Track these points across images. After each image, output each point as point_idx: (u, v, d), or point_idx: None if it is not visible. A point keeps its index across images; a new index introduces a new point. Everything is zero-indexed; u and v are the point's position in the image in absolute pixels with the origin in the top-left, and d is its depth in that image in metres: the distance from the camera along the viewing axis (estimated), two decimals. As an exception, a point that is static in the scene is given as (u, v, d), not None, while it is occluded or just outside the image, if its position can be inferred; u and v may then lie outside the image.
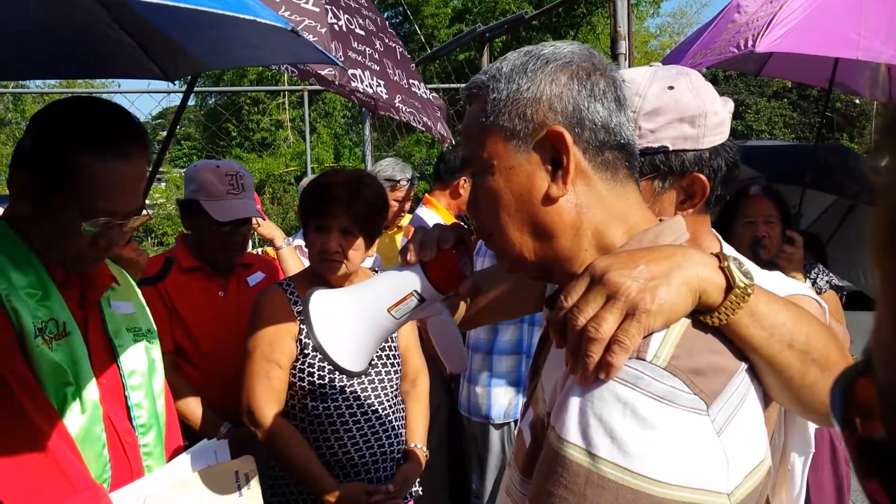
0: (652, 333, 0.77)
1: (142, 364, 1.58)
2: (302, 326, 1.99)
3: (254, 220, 2.57)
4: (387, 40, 2.57)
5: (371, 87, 2.32)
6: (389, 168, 3.77)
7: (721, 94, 1.16)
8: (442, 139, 2.85)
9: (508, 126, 0.88)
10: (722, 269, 0.81)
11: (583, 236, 0.88)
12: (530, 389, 1.02)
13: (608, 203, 0.88)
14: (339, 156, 15.85)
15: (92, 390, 1.42)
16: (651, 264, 0.79)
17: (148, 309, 1.70)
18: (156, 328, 1.69)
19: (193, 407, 2.28)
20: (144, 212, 1.54)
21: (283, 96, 15.13)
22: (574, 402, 0.77)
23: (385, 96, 2.41)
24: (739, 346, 0.81)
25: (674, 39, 23.76)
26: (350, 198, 1.97)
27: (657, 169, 1.12)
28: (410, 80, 2.63)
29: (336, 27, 2.27)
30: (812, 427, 1.21)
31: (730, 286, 0.80)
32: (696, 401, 0.74)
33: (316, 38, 2.12)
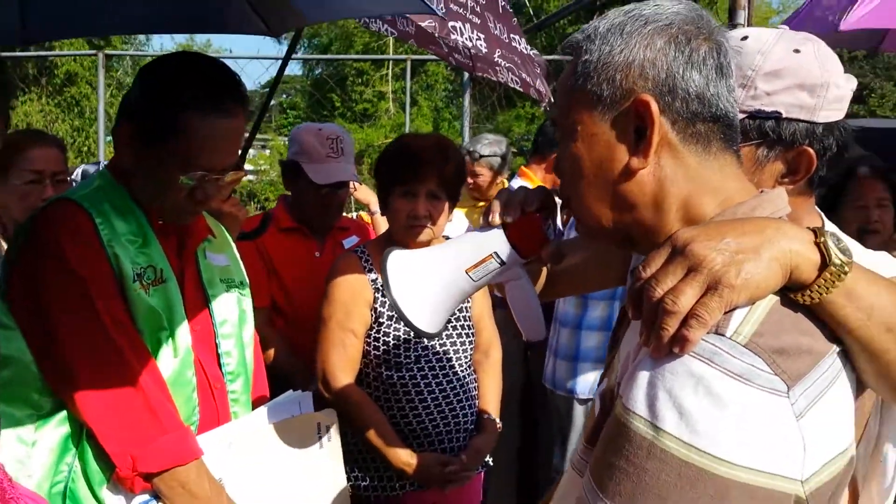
0: (734, 309, 0.73)
1: (233, 314, 1.63)
2: (377, 294, 1.98)
3: (351, 185, 2.61)
4: None
5: (471, 41, 2.29)
6: (478, 143, 3.79)
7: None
8: (539, 97, 2.79)
9: (595, 91, 0.84)
10: (817, 244, 0.75)
11: (667, 209, 0.84)
12: (608, 359, 1.00)
13: (698, 175, 0.84)
14: (437, 129, 15.95)
15: (184, 336, 1.48)
16: (740, 237, 0.74)
17: (241, 262, 1.75)
18: (248, 281, 1.74)
19: (285, 359, 2.35)
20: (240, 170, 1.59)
21: (387, 67, 15.30)
22: (643, 375, 0.74)
23: (485, 50, 2.38)
24: (832, 328, 0.76)
25: (795, 17, 22.48)
26: (438, 161, 1.94)
27: (765, 136, 1.05)
28: (511, 35, 2.58)
29: None
30: None
31: (825, 263, 0.74)
32: (776, 381, 0.70)
33: None
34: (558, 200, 1.06)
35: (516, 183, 3.39)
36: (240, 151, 1.54)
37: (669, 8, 0.85)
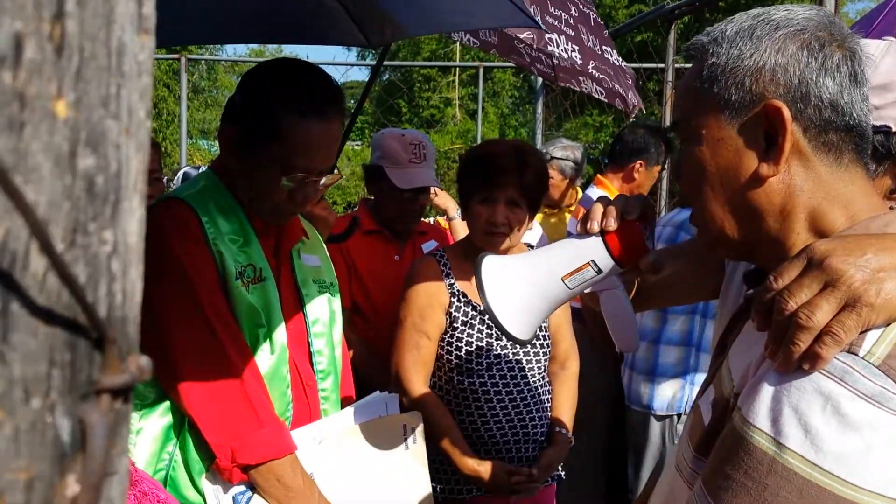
0: (869, 329, 0.71)
1: (324, 314, 1.67)
2: (452, 299, 1.99)
3: (431, 191, 2.64)
4: (581, 6, 2.55)
5: (566, 52, 2.31)
6: (552, 145, 3.76)
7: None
8: (628, 109, 2.78)
9: (723, 95, 0.83)
10: None
11: (794, 220, 0.82)
12: (713, 367, 0.97)
13: (829, 186, 0.81)
14: (503, 136, 15.94)
15: (281, 333, 1.52)
16: (880, 254, 0.72)
17: (332, 264, 1.80)
18: (337, 282, 1.78)
19: (364, 360, 2.39)
20: (336, 171, 1.63)
21: (454, 74, 15.38)
22: (768, 389, 0.72)
23: (580, 62, 2.39)
24: None
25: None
26: (518, 168, 1.93)
27: (874, 150, 1.02)
28: (604, 47, 2.59)
29: None
30: None
31: None
32: None
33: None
34: None
35: (592, 192, 3.36)
36: (335, 154, 1.57)
37: (801, 14, 0.83)
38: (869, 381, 0.68)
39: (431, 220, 3.79)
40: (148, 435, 1.43)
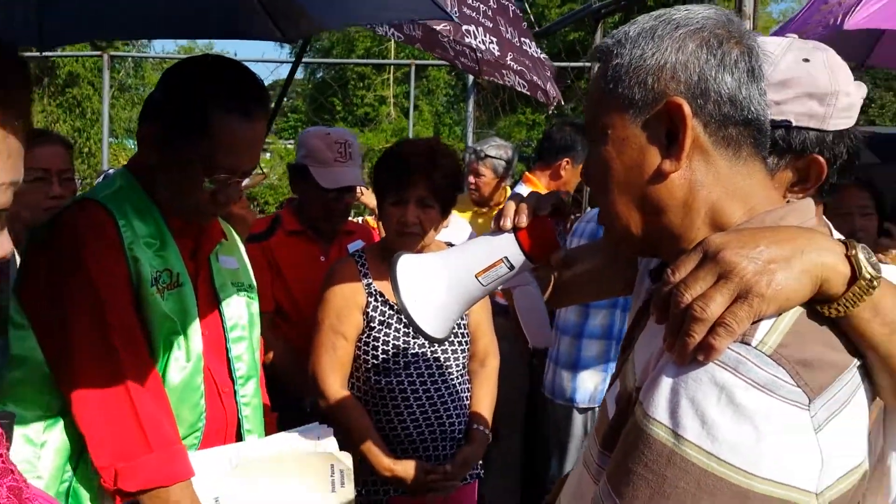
0: (762, 319, 0.73)
1: (243, 317, 1.64)
2: (370, 300, 1.99)
3: (358, 189, 2.61)
4: None
5: (484, 44, 2.31)
6: (486, 143, 3.78)
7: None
8: (549, 101, 2.80)
9: (627, 94, 0.84)
10: (848, 257, 0.75)
11: (696, 214, 0.84)
12: (620, 362, 0.99)
13: (728, 181, 0.83)
14: (438, 133, 15.96)
15: (196, 341, 1.48)
16: (772, 246, 0.74)
17: (250, 265, 1.76)
18: (256, 284, 1.75)
19: (286, 362, 2.35)
20: (258, 171, 1.60)
21: (389, 71, 15.32)
22: (666, 381, 0.74)
23: (497, 53, 2.39)
24: (855, 342, 0.76)
25: (796, 27, 22.56)
26: (429, 168, 1.94)
27: (774, 144, 1.04)
28: (522, 38, 2.60)
29: None
30: None
31: (854, 276, 0.74)
32: (799, 393, 0.70)
33: None
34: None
35: (521, 189, 3.39)
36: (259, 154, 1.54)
37: (700, 12, 0.85)
38: (761, 370, 0.70)
39: (361, 219, 3.77)
40: (52, 448, 1.37)
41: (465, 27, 2.24)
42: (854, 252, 0.75)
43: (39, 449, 1.36)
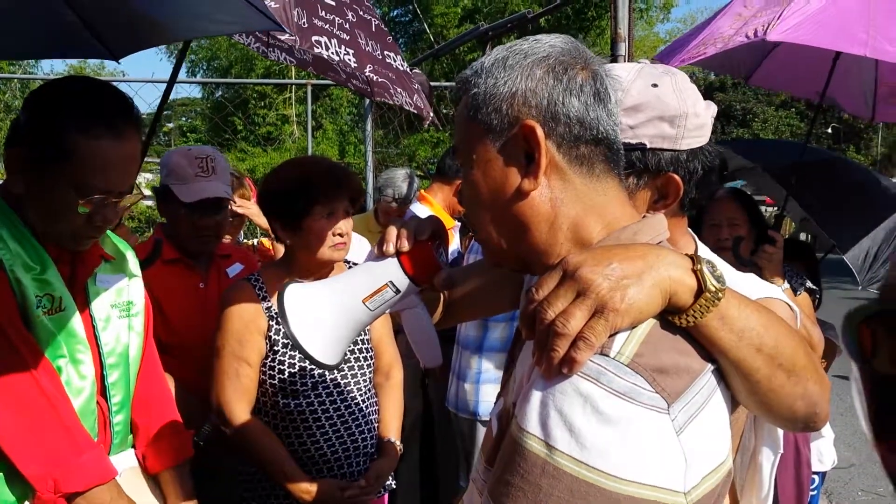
0: (618, 332, 0.77)
1: (121, 344, 1.59)
2: (271, 323, 1.95)
3: (236, 205, 2.52)
4: (361, 12, 2.59)
5: (338, 55, 2.33)
6: (383, 185, 3.87)
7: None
8: (420, 112, 2.84)
9: (486, 121, 0.89)
10: (694, 271, 0.80)
11: (558, 230, 0.88)
12: (504, 379, 1.02)
13: (585, 197, 0.88)
14: (343, 153, 15.90)
15: (88, 365, 1.46)
16: (624, 263, 0.78)
17: (140, 278, 1.70)
18: (147, 300, 1.70)
19: (180, 399, 2.26)
20: (136, 191, 1.56)
21: (290, 91, 15.16)
22: (536, 395, 0.77)
23: (354, 64, 2.42)
24: (707, 348, 0.81)
25: (683, 46, 23.71)
26: (348, 180, 1.98)
27: (632, 165, 1.11)
28: (386, 52, 2.64)
29: None
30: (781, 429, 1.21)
31: (700, 289, 0.79)
32: (657, 399, 0.74)
33: (277, 5, 2.14)
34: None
35: (416, 208, 3.42)
36: (135, 173, 1.51)
37: (547, 41, 0.90)
38: (621, 379, 0.74)
39: (256, 240, 3.69)
40: None
41: (314, 38, 2.25)
42: (699, 267, 0.80)
43: None
